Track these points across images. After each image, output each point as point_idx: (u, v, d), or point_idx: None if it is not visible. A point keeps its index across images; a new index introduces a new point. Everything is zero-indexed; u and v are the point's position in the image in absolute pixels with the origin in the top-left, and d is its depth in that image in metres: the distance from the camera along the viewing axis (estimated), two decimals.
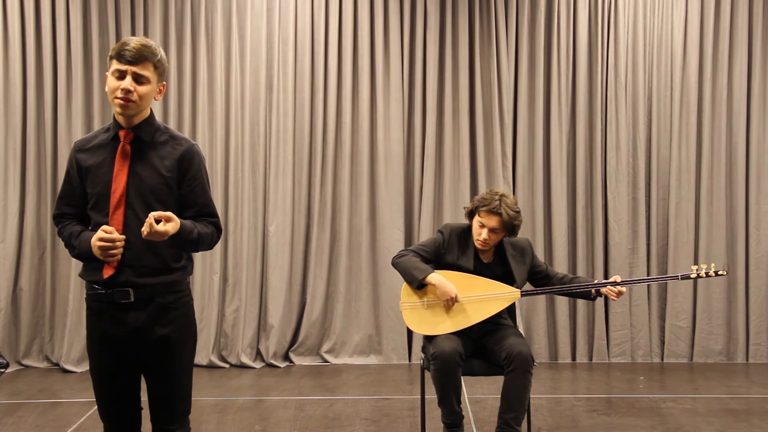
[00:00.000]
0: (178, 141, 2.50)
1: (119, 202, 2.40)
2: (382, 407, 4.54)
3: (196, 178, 2.50)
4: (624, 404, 4.62)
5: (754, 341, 5.77)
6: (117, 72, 2.39)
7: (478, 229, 3.57)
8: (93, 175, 2.45)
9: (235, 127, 5.62)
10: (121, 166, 2.42)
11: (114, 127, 2.47)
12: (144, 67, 2.40)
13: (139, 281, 2.41)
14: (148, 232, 2.28)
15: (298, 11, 5.67)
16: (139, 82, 2.39)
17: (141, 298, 2.42)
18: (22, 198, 5.47)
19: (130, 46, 2.38)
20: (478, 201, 3.58)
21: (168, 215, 2.33)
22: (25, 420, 4.26)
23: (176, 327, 2.48)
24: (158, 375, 2.49)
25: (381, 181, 5.71)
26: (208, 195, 2.55)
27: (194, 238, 2.44)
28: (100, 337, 2.48)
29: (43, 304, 5.52)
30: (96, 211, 2.45)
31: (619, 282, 3.52)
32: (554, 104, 5.75)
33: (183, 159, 2.47)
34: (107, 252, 2.35)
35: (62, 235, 2.55)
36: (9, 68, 5.41)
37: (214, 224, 2.54)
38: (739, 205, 5.79)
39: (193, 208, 2.50)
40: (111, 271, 2.41)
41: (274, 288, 5.62)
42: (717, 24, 5.78)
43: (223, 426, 4.14)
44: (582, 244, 5.77)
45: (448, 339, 3.44)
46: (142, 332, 2.43)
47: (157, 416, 2.52)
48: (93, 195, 2.46)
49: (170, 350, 2.47)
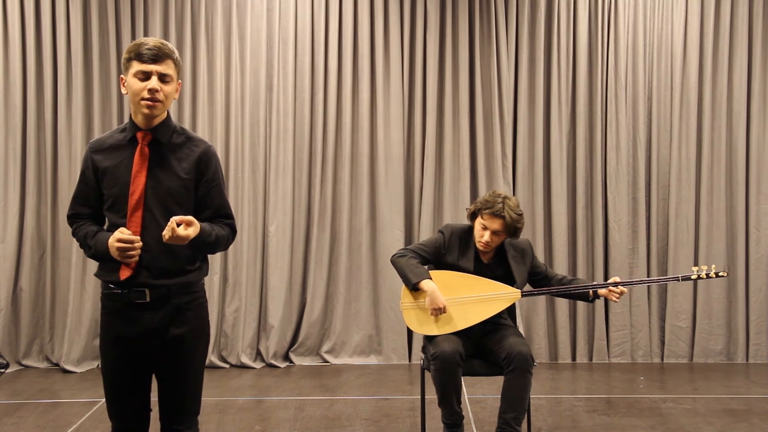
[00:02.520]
0: (194, 142, 2.51)
1: (137, 204, 2.40)
2: (382, 407, 4.54)
3: (213, 180, 2.51)
4: (624, 404, 4.62)
5: (754, 341, 5.77)
6: (141, 73, 2.37)
7: (480, 231, 3.56)
8: (110, 176, 2.44)
9: (235, 127, 5.62)
10: (140, 167, 2.42)
11: (131, 129, 2.46)
12: (167, 66, 2.39)
13: (156, 282, 2.42)
14: (170, 236, 2.28)
15: (298, 11, 5.67)
16: (163, 81, 2.39)
17: (157, 298, 2.43)
18: (22, 198, 5.47)
19: (150, 45, 2.37)
20: (481, 203, 3.57)
21: (189, 219, 2.34)
22: (25, 420, 4.25)
23: (191, 328, 2.49)
24: (170, 375, 2.50)
25: (381, 181, 5.71)
26: (225, 196, 2.56)
27: (212, 241, 2.46)
28: (115, 336, 2.47)
29: (43, 304, 5.52)
30: (113, 212, 2.45)
31: (620, 282, 3.53)
32: (554, 104, 5.75)
33: (200, 161, 2.48)
34: (125, 253, 2.35)
35: (77, 234, 2.54)
36: (9, 68, 5.41)
37: (230, 225, 2.56)
38: (739, 205, 5.79)
39: (210, 209, 2.51)
40: (128, 272, 2.41)
41: (274, 288, 5.62)
42: (717, 24, 5.78)
43: (223, 426, 4.14)
44: (582, 245, 5.77)
45: (449, 339, 3.44)
46: (156, 332, 2.44)
47: (167, 416, 2.53)
48: (110, 196, 2.45)
49: (184, 351, 2.48)
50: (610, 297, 3.52)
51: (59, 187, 5.46)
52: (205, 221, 2.49)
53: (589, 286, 3.62)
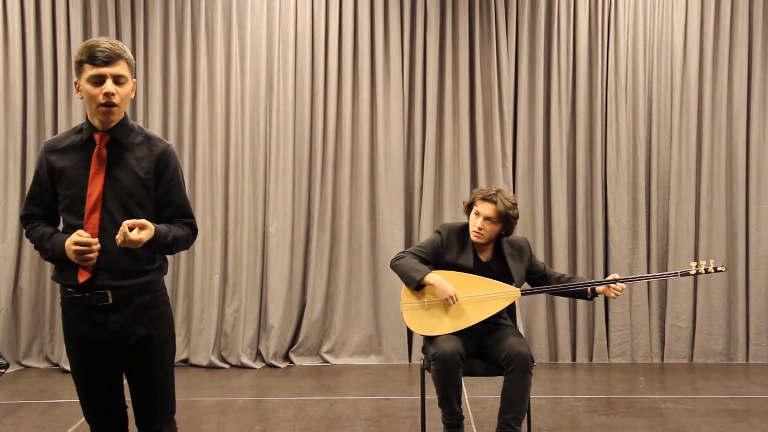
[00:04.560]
0: (153, 142, 2.48)
1: (95, 206, 2.37)
2: (382, 408, 4.54)
3: (173, 179, 2.49)
4: (624, 404, 4.61)
5: (754, 341, 5.77)
6: (94, 77, 2.33)
7: (473, 219, 3.59)
8: (66, 177, 2.41)
9: (235, 128, 5.62)
10: (98, 169, 2.39)
11: (88, 129, 2.42)
12: (120, 67, 2.35)
13: (116, 283, 2.39)
14: (122, 240, 2.27)
15: (298, 11, 5.67)
16: (118, 83, 2.35)
17: (119, 299, 2.41)
18: (22, 198, 5.46)
19: (101, 47, 2.32)
20: (476, 192, 3.65)
21: (142, 222, 2.31)
22: (25, 420, 4.25)
23: (156, 326, 2.48)
24: (141, 375, 2.48)
25: (381, 181, 5.71)
26: (184, 195, 2.54)
27: (169, 242, 2.43)
28: (80, 340, 2.46)
29: (43, 304, 5.52)
30: (69, 213, 2.42)
31: (619, 279, 3.53)
32: (554, 104, 5.75)
33: (160, 160, 2.45)
34: (83, 256, 2.32)
35: (31, 236, 2.51)
36: (9, 68, 5.41)
37: (190, 225, 2.54)
38: (739, 205, 5.79)
39: (170, 208, 2.50)
40: (87, 275, 2.38)
41: (274, 288, 5.62)
42: (717, 24, 5.78)
43: (223, 426, 4.14)
44: (582, 245, 5.77)
45: (449, 339, 3.44)
46: (122, 333, 2.42)
47: (143, 417, 2.51)
48: (66, 197, 2.42)
49: (152, 349, 2.47)
50: (609, 294, 3.53)
51: None
52: (165, 221, 2.47)
53: (588, 283, 3.63)
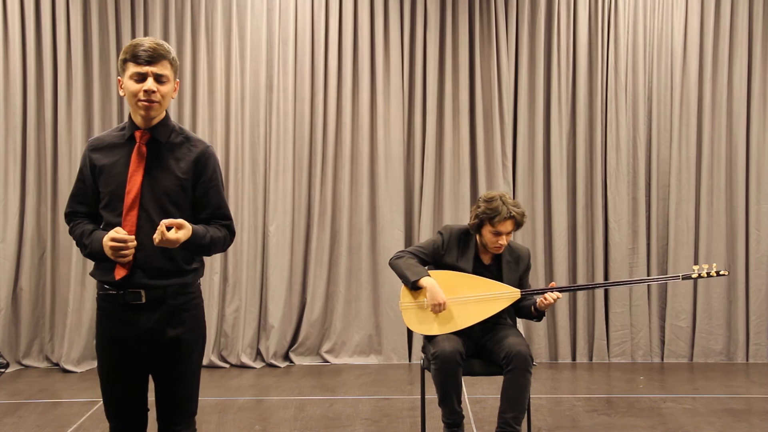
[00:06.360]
0: (193, 142, 2.50)
1: (133, 203, 2.39)
2: (382, 407, 4.54)
3: (212, 180, 2.50)
4: (624, 404, 4.62)
5: (754, 341, 5.77)
6: (137, 75, 2.37)
7: (493, 238, 3.55)
8: (107, 174, 2.44)
9: (235, 127, 5.62)
10: (137, 167, 2.41)
11: (130, 127, 2.45)
12: (163, 66, 2.38)
13: (151, 283, 2.41)
14: (159, 239, 2.28)
15: (298, 11, 5.67)
16: (159, 81, 2.39)
17: (152, 299, 2.42)
18: (22, 198, 5.47)
19: (145, 47, 2.36)
20: (484, 214, 3.52)
21: (180, 222, 2.32)
22: (25, 420, 4.25)
23: (187, 329, 2.48)
24: (167, 376, 2.49)
25: (381, 181, 5.71)
26: (223, 197, 2.55)
27: (206, 243, 2.44)
28: (111, 338, 2.47)
29: (43, 304, 5.52)
30: (108, 210, 2.44)
31: (620, 282, 3.55)
32: (554, 104, 5.75)
33: (199, 161, 2.47)
34: (119, 252, 2.34)
35: (74, 233, 2.54)
36: (9, 68, 5.41)
37: (227, 227, 2.54)
38: (739, 205, 5.79)
39: (207, 209, 2.50)
40: (123, 272, 2.39)
41: (274, 288, 5.62)
42: (717, 24, 5.78)
43: (223, 426, 4.14)
44: (582, 244, 5.77)
45: (449, 339, 3.44)
46: (153, 333, 2.43)
47: (165, 417, 2.52)
48: (106, 194, 2.44)
49: (180, 352, 2.47)
50: (541, 304, 3.48)
51: (59, 187, 5.46)
52: (203, 222, 2.48)
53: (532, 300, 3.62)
